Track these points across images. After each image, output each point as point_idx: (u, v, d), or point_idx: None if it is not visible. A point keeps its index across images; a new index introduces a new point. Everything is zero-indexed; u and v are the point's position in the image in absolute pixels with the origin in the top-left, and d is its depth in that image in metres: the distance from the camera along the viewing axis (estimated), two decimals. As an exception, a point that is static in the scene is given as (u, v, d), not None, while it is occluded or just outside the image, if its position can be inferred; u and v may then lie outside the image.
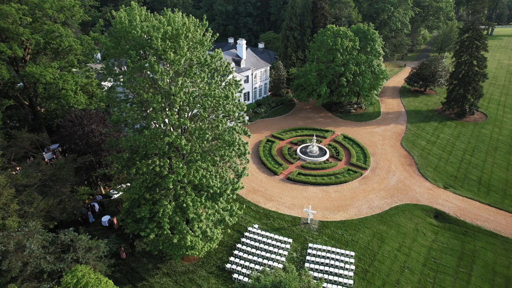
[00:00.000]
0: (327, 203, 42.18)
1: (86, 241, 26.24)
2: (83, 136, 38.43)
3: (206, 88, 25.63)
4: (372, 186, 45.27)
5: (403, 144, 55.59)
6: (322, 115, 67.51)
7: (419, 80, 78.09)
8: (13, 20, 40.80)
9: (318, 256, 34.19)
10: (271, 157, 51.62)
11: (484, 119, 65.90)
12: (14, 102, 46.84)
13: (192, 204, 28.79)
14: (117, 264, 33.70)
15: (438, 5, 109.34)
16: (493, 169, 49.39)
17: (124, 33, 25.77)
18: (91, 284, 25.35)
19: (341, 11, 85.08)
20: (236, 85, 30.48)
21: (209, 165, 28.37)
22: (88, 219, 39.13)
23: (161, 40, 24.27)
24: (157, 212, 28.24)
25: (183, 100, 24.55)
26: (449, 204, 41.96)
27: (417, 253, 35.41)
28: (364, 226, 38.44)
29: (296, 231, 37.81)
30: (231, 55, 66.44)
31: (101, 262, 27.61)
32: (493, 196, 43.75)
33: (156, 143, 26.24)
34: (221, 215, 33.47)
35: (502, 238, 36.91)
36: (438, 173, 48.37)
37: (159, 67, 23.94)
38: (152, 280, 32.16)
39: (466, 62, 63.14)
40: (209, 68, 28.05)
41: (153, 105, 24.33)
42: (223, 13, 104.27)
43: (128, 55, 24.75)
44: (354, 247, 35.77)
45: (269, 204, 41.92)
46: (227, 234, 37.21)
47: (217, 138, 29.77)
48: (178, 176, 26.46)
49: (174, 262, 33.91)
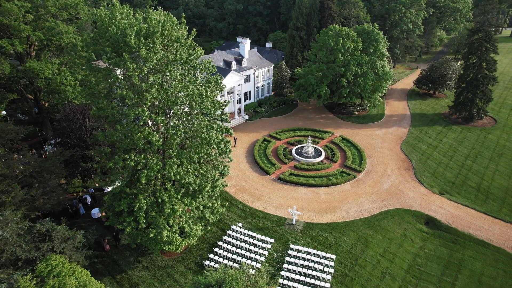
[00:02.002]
0: (315, 204, 41.72)
1: (62, 232, 27.04)
2: (77, 130, 39.61)
3: (179, 86, 25.87)
4: (364, 189, 44.43)
5: (403, 148, 54.24)
6: (324, 116, 66.74)
7: (428, 83, 75.92)
8: (16, 17, 42.49)
9: (297, 258, 33.89)
10: (265, 156, 51.51)
11: (493, 124, 63.39)
12: (18, 96, 48.81)
13: (168, 200, 29.20)
14: (100, 256, 34.58)
15: (455, 6, 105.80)
16: (495, 176, 47.46)
17: (104, 30, 26.41)
18: (63, 273, 26.11)
19: (349, 11, 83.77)
20: (217, 84, 30.66)
21: (185, 162, 28.66)
22: (79, 211, 40.30)
23: (135, 37, 24.71)
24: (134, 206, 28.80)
25: (155, 97, 24.90)
26: (442, 211, 40.66)
27: (402, 260, 34.51)
28: (350, 230, 37.80)
29: (279, 232, 37.61)
30: (234, 54, 66.67)
31: (77, 252, 28.37)
32: (490, 204, 42.07)
33: (133, 138, 26.75)
34: (202, 212, 33.80)
35: (493, 248, 35.45)
36: (436, 178, 46.93)
37: (132, 64, 24.36)
38: (131, 273, 32.79)
39: (474, 64, 60.90)
40: (187, 66, 28.36)
41: (126, 101, 24.81)
42: (233, 12, 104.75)
43: (105, 51, 25.32)
44: (336, 250, 35.24)
45: (257, 204, 41.87)
46: (210, 231, 37.46)
47: (196, 135, 30.09)
48: (151, 171, 26.88)
49: (155, 256, 34.44)
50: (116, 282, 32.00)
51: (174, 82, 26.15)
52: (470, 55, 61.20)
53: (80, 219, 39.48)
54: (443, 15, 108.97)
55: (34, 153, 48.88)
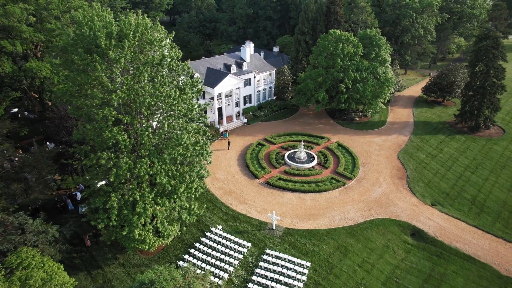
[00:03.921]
0: (299, 210, 41.20)
1: (35, 225, 27.98)
2: (69, 128, 40.96)
3: (147, 87, 26.35)
4: (352, 197, 43.49)
5: (400, 156, 52.75)
6: (323, 121, 65.95)
7: (436, 90, 73.60)
8: (19, 19, 44.62)
9: (271, 263, 33.54)
10: (257, 160, 51.40)
11: (501, 135, 60.64)
12: (21, 94, 51.08)
13: (140, 199, 29.71)
14: (81, 251, 35.52)
15: (473, 12, 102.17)
16: (493, 189, 45.30)
17: (80, 32, 27.32)
18: (32, 266, 26.99)
19: (357, 17, 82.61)
20: (193, 86, 31.02)
21: (156, 162, 29.07)
22: (67, 206, 41.59)
23: (105, 39, 25.42)
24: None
25: (122, 97, 25.47)
26: (430, 223, 39.19)
27: (380, 271, 33.47)
28: (331, 238, 37.06)
29: (258, 236, 37.37)
30: (235, 58, 67.15)
31: (51, 246, 29.25)
32: (484, 217, 40.18)
33: (103, 137, 27.45)
34: (179, 213, 34.13)
35: (479, 264, 33.79)
36: (429, 188, 45.31)
37: (100, 65, 25.05)
38: (106, 269, 33.45)
39: (481, 72, 58.59)
40: (162, 68, 28.84)
41: (95, 101, 25.52)
42: (243, 17, 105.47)
43: (77, 52, 26.18)
44: (313, 257, 34.61)
45: (241, 207, 41.79)
46: (189, 232, 37.71)
47: (171, 137, 30.49)
48: (120, 170, 27.44)
49: (132, 254, 35.01)
50: (91, 277, 32.74)
51: (143, 84, 26.65)
52: (477, 62, 58.95)
53: (68, 214, 40.68)
54: (461, 20, 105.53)
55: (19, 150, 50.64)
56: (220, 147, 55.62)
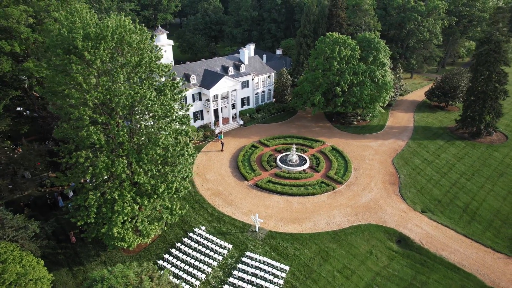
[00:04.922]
0: (285, 213, 40.98)
1: (15, 221, 28.73)
2: (60, 127, 41.97)
3: (122, 88, 26.77)
4: (340, 202, 42.99)
5: (394, 161, 51.86)
6: (321, 124, 65.46)
7: (440, 95, 72.09)
8: (18, 20, 45.98)
9: (250, 266, 33.45)
10: (248, 162, 51.40)
11: (503, 141, 58.90)
12: (20, 93, 52.52)
13: (118, 197, 30.15)
14: (65, 247, 36.25)
15: (482, 15, 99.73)
16: (487, 197, 44.00)
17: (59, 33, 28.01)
18: (10, 260, 27.68)
19: (360, 19, 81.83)
20: (173, 87, 31.32)
21: (134, 162, 29.46)
22: (57, 203, 42.52)
23: (82, 40, 25.98)
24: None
25: (97, 97, 25.96)
26: (418, 230, 38.36)
27: (360, 278, 32.93)
28: (313, 242, 36.71)
29: (240, 238, 37.33)
30: (233, 60, 67.40)
31: (31, 241, 29.95)
32: (474, 226, 39.06)
33: (80, 135, 28.01)
34: (160, 213, 34.48)
35: (463, 274, 32.85)
36: (421, 195, 44.37)
37: (76, 66, 25.62)
38: (88, 266, 34.03)
39: (483, 77, 57.09)
40: (142, 69, 29.25)
41: (72, 101, 26.10)
42: (248, 19, 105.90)
43: (56, 53, 26.85)
44: (293, 261, 34.34)
45: (227, 208, 41.86)
46: (173, 232, 37.99)
47: (150, 137, 30.87)
48: (97, 169, 27.94)
49: (114, 252, 35.49)
50: (72, 273, 33.35)
51: (118, 84, 27.10)
52: (478, 66, 57.47)
53: (58, 211, 41.57)
54: (471, 24, 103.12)
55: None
56: (214, 149, 55.89)
